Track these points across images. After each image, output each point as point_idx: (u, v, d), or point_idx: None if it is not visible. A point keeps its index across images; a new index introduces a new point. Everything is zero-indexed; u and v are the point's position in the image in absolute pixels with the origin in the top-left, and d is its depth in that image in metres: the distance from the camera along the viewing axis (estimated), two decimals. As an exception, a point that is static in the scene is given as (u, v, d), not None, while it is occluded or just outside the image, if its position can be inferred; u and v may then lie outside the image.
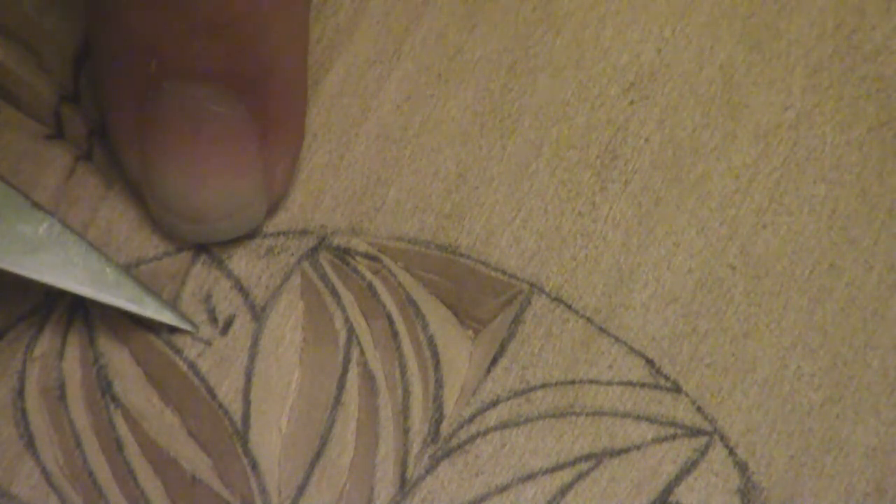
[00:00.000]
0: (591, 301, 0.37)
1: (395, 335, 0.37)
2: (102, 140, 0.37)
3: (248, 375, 0.36)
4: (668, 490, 0.36)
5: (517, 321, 0.37)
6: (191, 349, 0.36)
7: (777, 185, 0.38)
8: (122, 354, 0.36)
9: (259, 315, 0.36)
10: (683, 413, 0.36)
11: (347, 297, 0.37)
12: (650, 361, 0.37)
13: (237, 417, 0.36)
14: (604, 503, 0.36)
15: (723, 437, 0.36)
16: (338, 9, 0.39)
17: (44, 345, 0.36)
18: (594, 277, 0.37)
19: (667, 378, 0.37)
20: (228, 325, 0.36)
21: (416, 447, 0.36)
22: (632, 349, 0.37)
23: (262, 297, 0.37)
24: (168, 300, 0.36)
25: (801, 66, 0.39)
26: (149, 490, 0.35)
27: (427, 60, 0.39)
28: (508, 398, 0.36)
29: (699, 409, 0.37)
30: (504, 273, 0.37)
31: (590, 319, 0.37)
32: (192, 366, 0.36)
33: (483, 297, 0.37)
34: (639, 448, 0.36)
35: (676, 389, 0.37)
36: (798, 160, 0.39)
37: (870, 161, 0.39)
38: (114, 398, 0.36)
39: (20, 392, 0.36)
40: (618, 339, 0.37)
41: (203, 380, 0.36)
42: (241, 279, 0.37)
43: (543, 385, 0.36)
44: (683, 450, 0.36)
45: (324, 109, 0.38)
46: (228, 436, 0.35)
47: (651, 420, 0.36)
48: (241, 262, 0.37)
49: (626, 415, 0.36)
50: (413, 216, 0.38)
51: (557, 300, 0.37)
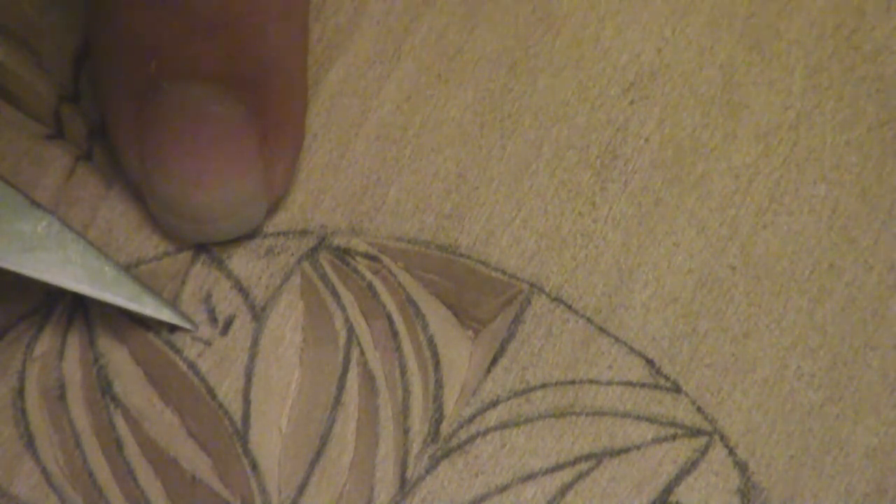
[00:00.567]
0: (591, 301, 0.37)
1: (395, 335, 0.37)
2: (102, 140, 0.37)
3: (248, 375, 0.36)
4: (668, 490, 0.36)
5: (517, 321, 0.37)
6: (191, 349, 0.36)
7: (777, 185, 0.38)
8: (122, 354, 0.36)
9: (259, 315, 0.36)
10: (683, 413, 0.36)
11: (347, 298, 0.37)
12: (650, 361, 0.37)
13: (237, 417, 0.36)
14: (604, 503, 0.36)
15: (723, 437, 0.36)
16: (338, 9, 0.39)
17: (44, 345, 0.36)
18: (594, 277, 0.37)
19: (667, 378, 0.37)
20: (228, 325, 0.36)
21: (416, 447, 0.36)
22: (632, 349, 0.37)
23: (262, 297, 0.37)
24: (168, 300, 0.36)
25: (801, 67, 0.39)
26: (149, 490, 0.35)
27: (427, 60, 0.39)
28: (508, 398, 0.36)
29: (699, 409, 0.37)
30: (504, 273, 0.37)
31: (590, 319, 0.37)
32: (192, 366, 0.36)
33: (483, 297, 0.37)
34: (639, 448, 0.36)
35: (676, 389, 0.37)
36: (798, 160, 0.39)
37: (870, 161, 0.39)
38: (114, 398, 0.36)
39: (20, 392, 0.36)
40: (618, 339, 0.37)
41: (203, 380, 0.36)
42: (241, 279, 0.37)
43: (543, 385, 0.36)
44: (683, 450, 0.36)
45: (324, 109, 0.38)
46: (228, 436, 0.35)
47: (651, 420, 0.36)
48: (241, 262, 0.37)
49: (626, 415, 0.36)
50: (413, 216, 0.38)
51: (557, 300, 0.37)
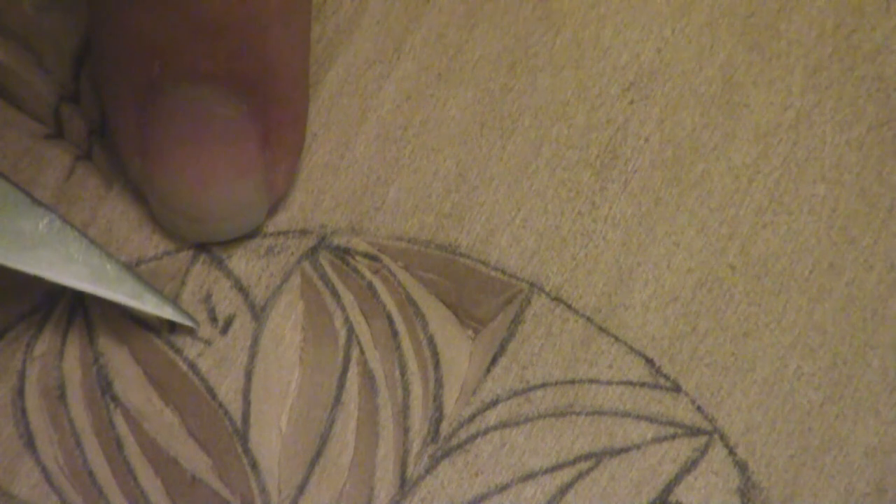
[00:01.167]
0: (591, 301, 0.37)
1: (395, 335, 0.37)
2: (102, 140, 0.37)
3: (248, 375, 0.36)
4: (668, 489, 0.36)
5: (517, 321, 0.37)
6: (191, 349, 0.36)
7: (777, 185, 0.38)
8: (122, 354, 0.36)
9: (259, 315, 0.36)
10: (683, 413, 0.37)
11: (347, 297, 0.37)
12: (650, 361, 0.37)
13: (237, 417, 0.36)
14: (604, 503, 0.36)
15: (723, 437, 0.36)
16: (338, 9, 0.39)
17: (44, 345, 0.36)
18: (594, 277, 0.37)
19: (667, 378, 0.37)
20: (228, 325, 0.36)
21: (416, 447, 0.36)
22: (632, 349, 0.37)
23: (262, 297, 0.37)
24: (169, 297, 0.36)
25: (801, 66, 0.39)
26: (149, 490, 0.35)
27: (427, 60, 0.39)
28: (508, 398, 0.36)
29: (699, 409, 0.37)
30: (504, 273, 0.37)
31: (590, 319, 0.37)
32: (192, 365, 0.36)
33: (483, 297, 0.37)
34: (639, 448, 0.36)
35: (676, 389, 0.37)
36: (798, 160, 0.39)
37: (870, 161, 0.39)
38: (114, 398, 0.36)
39: (20, 392, 0.36)
40: (618, 339, 0.37)
41: (203, 379, 0.36)
42: (241, 279, 0.37)
43: (543, 385, 0.36)
44: (683, 449, 0.36)
45: (324, 109, 0.38)
46: (228, 435, 0.35)
47: (651, 420, 0.36)
48: (241, 262, 0.37)
49: (626, 414, 0.36)
50: (413, 216, 0.38)
51: (557, 300, 0.37)
